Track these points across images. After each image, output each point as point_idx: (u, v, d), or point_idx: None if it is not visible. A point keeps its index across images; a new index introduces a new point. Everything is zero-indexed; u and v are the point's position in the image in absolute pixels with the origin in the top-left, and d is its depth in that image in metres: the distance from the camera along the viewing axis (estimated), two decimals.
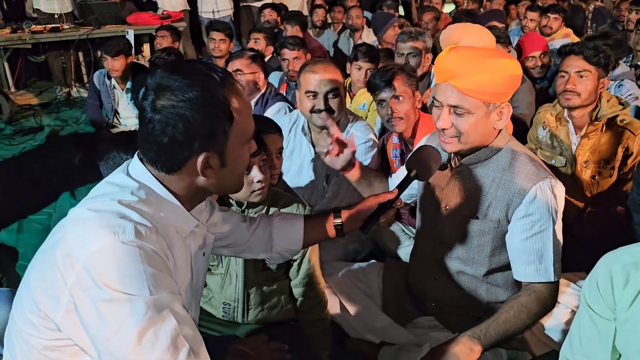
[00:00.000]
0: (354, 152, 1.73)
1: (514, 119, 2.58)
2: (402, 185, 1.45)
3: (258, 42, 4.28)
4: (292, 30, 4.72)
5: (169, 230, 1.05)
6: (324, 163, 2.41)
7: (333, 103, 2.32)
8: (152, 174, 1.06)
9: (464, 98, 1.47)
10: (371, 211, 1.42)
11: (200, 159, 1.02)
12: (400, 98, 2.33)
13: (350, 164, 1.76)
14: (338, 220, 1.44)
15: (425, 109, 2.74)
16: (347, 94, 3.28)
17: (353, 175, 1.81)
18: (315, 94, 2.29)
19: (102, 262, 0.92)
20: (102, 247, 0.93)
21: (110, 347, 0.92)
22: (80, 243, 0.95)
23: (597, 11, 6.26)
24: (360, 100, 3.28)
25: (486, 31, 2.75)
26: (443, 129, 1.53)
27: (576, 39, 4.54)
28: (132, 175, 1.06)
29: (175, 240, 1.07)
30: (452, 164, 1.67)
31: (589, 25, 6.23)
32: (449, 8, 7.28)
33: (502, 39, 3.49)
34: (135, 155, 1.10)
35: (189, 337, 0.97)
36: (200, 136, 1.01)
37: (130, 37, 5.19)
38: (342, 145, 1.71)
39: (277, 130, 1.96)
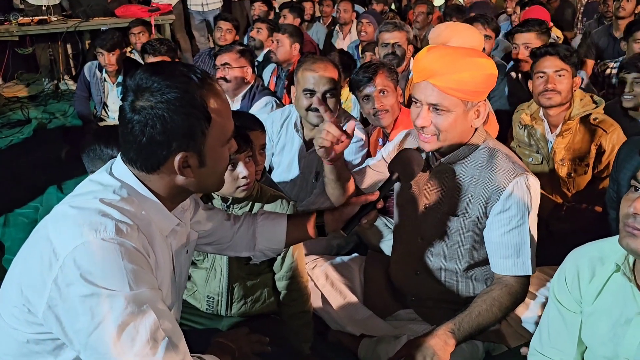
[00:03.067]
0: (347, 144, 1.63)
1: (497, 114, 2.63)
2: (384, 188, 1.47)
3: (260, 32, 4.29)
4: (291, 19, 4.74)
5: (151, 229, 1.08)
6: (314, 159, 2.47)
7: (330, 102, 2.34)
8: (134, 174, 1.09)
9: (444, 96, 1.50)
10: (353, 212, 1.45)
11: (178, 158, 1.05)
12: (385, 92, 2.38)
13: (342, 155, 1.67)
14: (320, 221, 1.48)
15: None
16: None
17: (338, 167, 1.71)
18: (313, 93, 2.31)
19: (83, 259, 0.95)
20: (83, 244, 0.96)
21: (92, 341, 0.95)
22: (62, 240, 0.98)
23: (589, 5, 6.27)
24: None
25: (475, 31, 2.77)
26: (422, 127, 1.56)
27: (558, 32, 4.59)
28: (115, 174, 1.09)
29: (157, 238, 1.10)
30: (431, 163, 1.70)
31: (579, 19, 6.25)
32: (439, 2, 7.30)
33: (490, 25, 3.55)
34: (119, 155, 1.12)
35: (169, 331, 1.00)
36: (178, 136, 1.03)
37: None
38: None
39: (260, 126, 1.99)
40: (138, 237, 1.02)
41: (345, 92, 3.31)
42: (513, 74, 3.22)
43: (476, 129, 1.62)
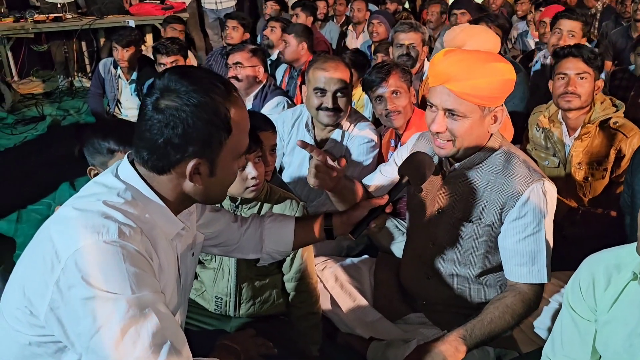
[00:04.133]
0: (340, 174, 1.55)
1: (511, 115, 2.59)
2: (394, 191, 1.44)
3: (274, 30, 4.29)
4: (304, 18, 4.74)
5: (155, 232, 1.07)
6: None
7: (341, 102, 2.33)
8: (141, 176, 1.08)
9: (460, 102, 1.47)
10: (362, 216, 1.43)
11: (191, 164, 1.04)
12: (398, 93, 2.36)
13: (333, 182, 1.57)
14: (328, 224, 1.47)
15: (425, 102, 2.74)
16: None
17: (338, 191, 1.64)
18: (323, 92, 2.30)
19: (85, 261, 0.94)
20: (85, 246, 0.95)
21: (93, 345, 0.94)
22: (64, 242, 0.97)
23: (606, 9, 6.16)
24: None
25: (491, 33, 2.71)
26: (437, 133, 1.53)
27: None
28: (121, 176, 1.08)
29: (161, 241, 1.09)
30: (445, 168, 1.67)
31: (594, 25, 6.14)
32: None
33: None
34: (125, 157, 1.11)
35: (171, 335, 0.98)
36: (196, 142, 1.02)
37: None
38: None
39: (271, 127, 1.98)
40: (141, 240, 1.01)
41: (358, 92, 3.28)
42: (541, 59, 3.14)
43: (492, 133, 1.59)
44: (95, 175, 1.67)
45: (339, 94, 2.31)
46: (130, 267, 0.96)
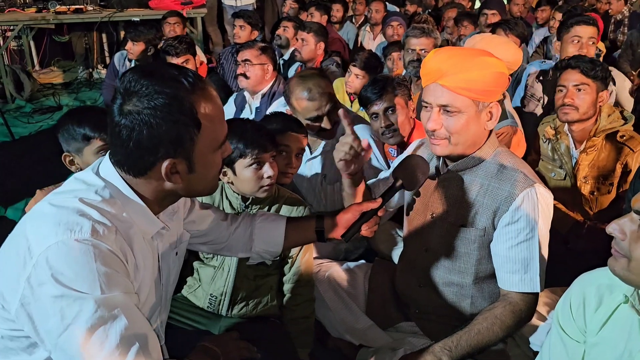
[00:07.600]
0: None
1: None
2: (387, 194, 1.42)
3: (287, 30, 4.30)
4: (319, 17, 4.74)
5: (132, 231, 1.06)
6: (320, 162, 2.42)
7: (333, 116, 2.28)
8: (121, 176, 1.07)
9: (455, 97, 1.45)
10: (354, 219, 1.41)
11: (165, 164, 1.03)
12: (394, 110, 2.30)
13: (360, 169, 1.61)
14: (320, 226, 1.45)
15: None
16: (348, 96, 3.25)
17: (357, 180, 1.66)
18: (318, 118, 2.25)
19: (55, 259, 0.94)
20: (57, 243, 0.94)
21: (61, 343, 0.94)
22: (37, 238, 0.97)
23: (633, 15, 6.00)
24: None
25: (513, 45, 2.65)
26: (433, 130, 1.50)
27: (601, 46, 4.41)
28: (101, 174, 1.08)
29: (138, 240, 1.08)
30: (440, 171, 1.64)
31: (621, 30, 5.99)
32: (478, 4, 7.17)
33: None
34: (107, 155, 1.10)
35: (141, 338, 0.97)
36: (165, 143, 1.00)
37: None
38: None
39: (303, 130, 1.97)
40: (115, 239, 1.00)
41: None
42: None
43: (489, 136, 1.56)
44: (71, 161, 1.73)
45: (331, 114, 2.25)
46: (101, 267, 0.95)
